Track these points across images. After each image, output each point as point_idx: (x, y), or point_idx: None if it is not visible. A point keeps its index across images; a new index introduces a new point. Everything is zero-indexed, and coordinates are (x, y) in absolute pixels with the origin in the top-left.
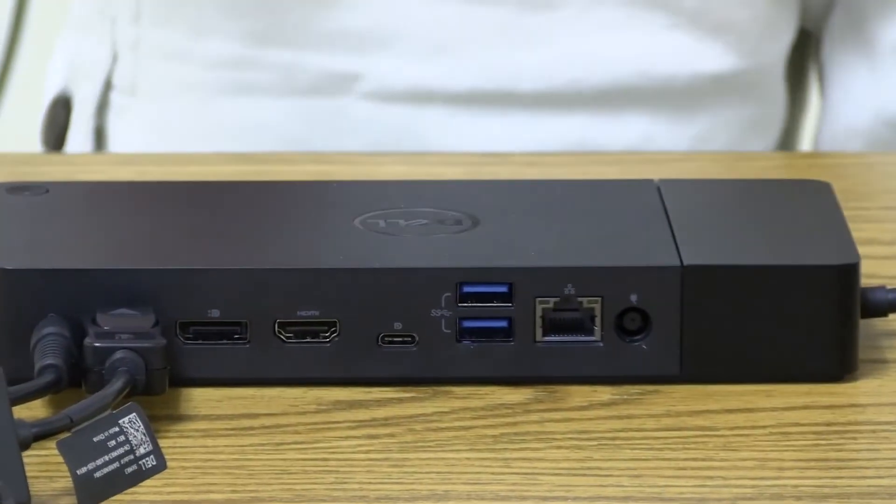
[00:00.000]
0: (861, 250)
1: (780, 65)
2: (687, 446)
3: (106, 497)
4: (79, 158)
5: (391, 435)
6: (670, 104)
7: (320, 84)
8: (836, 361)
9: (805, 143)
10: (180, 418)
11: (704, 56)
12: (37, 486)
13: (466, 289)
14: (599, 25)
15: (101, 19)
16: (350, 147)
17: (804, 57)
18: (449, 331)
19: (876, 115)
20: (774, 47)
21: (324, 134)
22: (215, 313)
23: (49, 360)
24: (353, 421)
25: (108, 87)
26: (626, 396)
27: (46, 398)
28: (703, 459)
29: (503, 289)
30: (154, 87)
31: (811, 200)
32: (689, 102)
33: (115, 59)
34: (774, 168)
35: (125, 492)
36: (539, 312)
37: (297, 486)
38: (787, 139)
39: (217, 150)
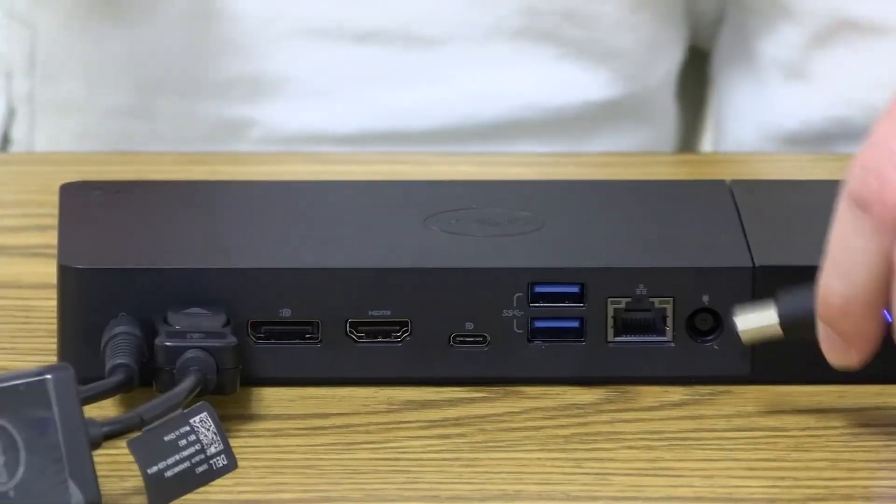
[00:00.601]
0: None
1: (670, 85)
2: (758, 447)
3: (177, 496)
4: (149, 158)
5: (462, 435)
6: (563, 134)
7: (214, 132)
8: None
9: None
10: (251, 418)
11: (593, 84)
12: (107, 486)
13: (538, 289)
14: (487, 60)
15: None
16: None
17: (702, 73)
18: (520, 331)
19: (759, 131)
20: (662, 68)
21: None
22: (287, 313)
23: (120, 360)
24: (424, 421)
25: (5, 141)
26: (697, 397)
27: (117, 397)
28: (774, 460)
29: (575, 289)
30: (51, 139)
31: None
32: (582, 131)
33: (11, 113)
34: (845, 169)
35: (196, 491)
36: (611, 312)
37: (368, 486)
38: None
39: None
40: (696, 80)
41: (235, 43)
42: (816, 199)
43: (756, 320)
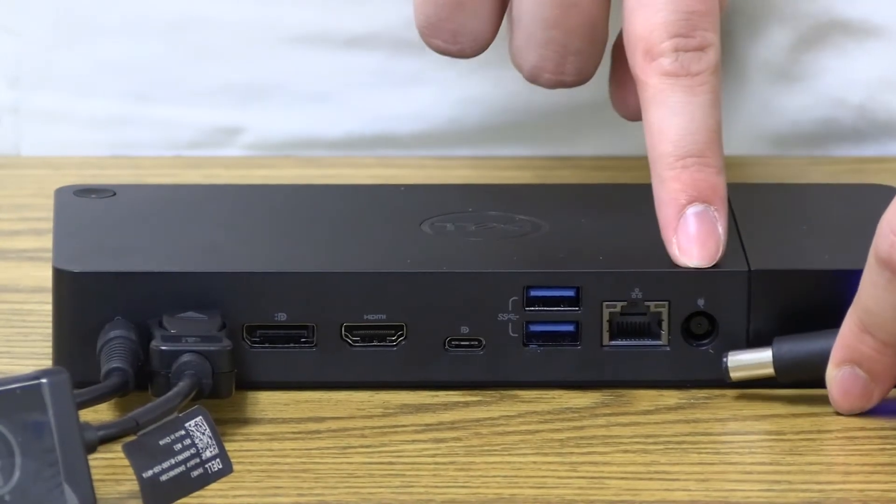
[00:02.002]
0: None
1: None
2: (753, 450)
3: (172, 500)
4: (144, 162)
5: (457, 439)
6: (551, 136)
7: (202, 139)
8: None
9: None
10: (246, 422)
11: (583, 86)
12: (103, 489)
13: (533, 293)
14: (476, 64)
15: None
16: None
17: None
18: (516, 335)
19: (747, 133)
20: None
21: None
22: (282, 317)
23: (115, 364)
24: (420, 424)
25: None
26: (692, 400)
27: (113, 401)
28: (770, 464)
29: (570, 293)
30: (38, 149)
31: (877, 204)
32: (570, 133)
33: None
34: (842, 172)
35: (191, 495)
36: (606, 316)
37: (364, 490)
38: None
39: None
40: None
41: (222, 49)
42: (812, 203)
43: (748, 361)
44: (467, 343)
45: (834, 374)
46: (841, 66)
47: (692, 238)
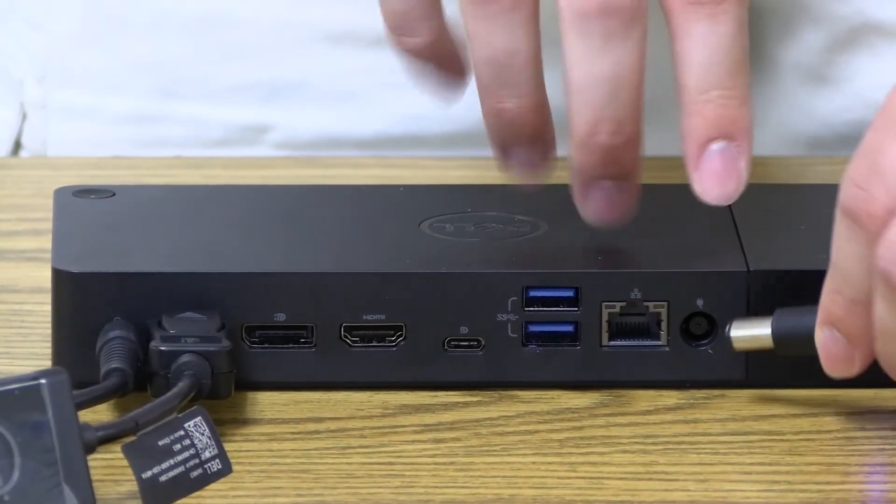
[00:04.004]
0: None
1: None
2: (753, 451)
3: (171, 501)
4: (145, 162)
5: (457, 439)
6: None
7: (230, 137)
8: None
9: None
10: (246, 422)
11: None
12: (102, 490)
13: (533, 293)
14: None
15: (8, 83)
16: None
17: None
18: (515, 335)
19: (777, 135)
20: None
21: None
22: (281, 317)
23: (115, 364)
24: (419, 425)
25: (17, 146)
26: (691, 401)
27: (112, 402)
28: (769, 464)
29: (569, 293)
30: (64, 145)
31: None
32: None
33: (24, 119)
34: (842, 172)
35: (190, 496)
36: (605, 317)
37: (363, 490)
38: None
39: None
40: None
41: (251, 47)
42: (811, 203)
43: (749, 330)
44: (466, 343)
45: (818, 337)
46: (874, 68)
47: (712, 175)
